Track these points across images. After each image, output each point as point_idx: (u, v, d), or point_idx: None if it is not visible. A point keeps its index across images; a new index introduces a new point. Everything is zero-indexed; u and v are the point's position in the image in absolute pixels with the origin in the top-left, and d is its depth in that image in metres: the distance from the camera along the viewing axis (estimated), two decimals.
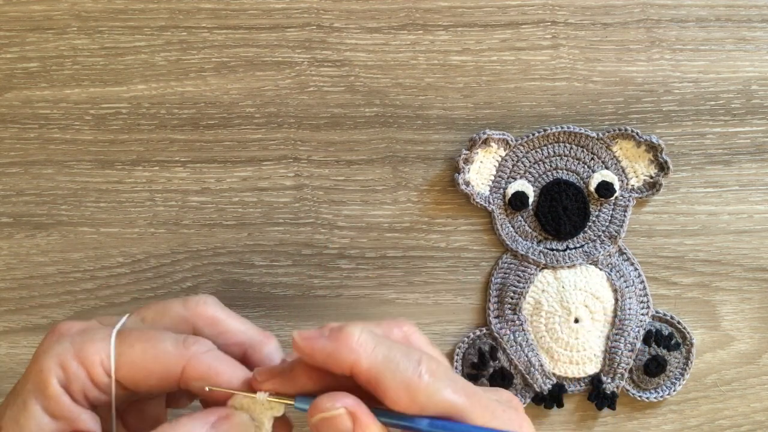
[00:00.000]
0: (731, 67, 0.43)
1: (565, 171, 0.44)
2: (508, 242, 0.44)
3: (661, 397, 0.44)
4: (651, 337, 0.44)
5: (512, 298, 0.44)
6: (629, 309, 0.44)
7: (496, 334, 0.44)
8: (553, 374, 0.44)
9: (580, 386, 0.44)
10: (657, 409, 0.45)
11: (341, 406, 0.29)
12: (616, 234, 0.44)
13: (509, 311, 0.44)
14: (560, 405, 0.44)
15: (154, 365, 0.31)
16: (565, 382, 0.44)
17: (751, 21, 0.43)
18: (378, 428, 0.29)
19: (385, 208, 0.44)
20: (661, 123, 0.44)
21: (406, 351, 0.29)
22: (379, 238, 0.44)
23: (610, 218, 0.44)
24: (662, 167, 0.43)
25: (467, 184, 0.43)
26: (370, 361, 0.29)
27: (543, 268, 0.44)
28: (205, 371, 0.31)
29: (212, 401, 0.32)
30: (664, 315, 0.44)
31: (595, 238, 0.44)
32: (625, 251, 0.44)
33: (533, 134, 0.43)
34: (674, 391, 0.44)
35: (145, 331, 0.32)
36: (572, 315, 0.44)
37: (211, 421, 0.30)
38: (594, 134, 0.43)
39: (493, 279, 0.44)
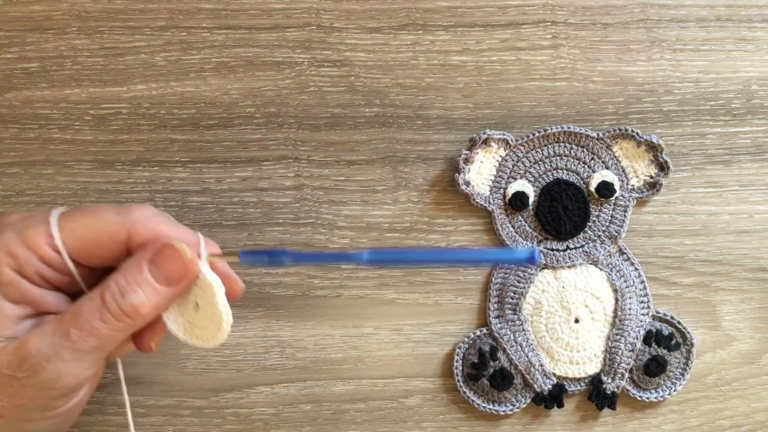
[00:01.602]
0: (731, 67, 0.43)
1: (565, 171, 0.44)
2: (508, 242, 0.44)
3: (662, 397, 0.44)
4: (651, 337, 0.44)
5: (512, 298, 0.44)
6: (629, 309, 0.44)
7: (496, 334, 0.44)
8: (554, 374, 0.44)
9: (581, 386, 0.44)
10: (657, 409, 0.45)
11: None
12: (617, 234, 0.44)
13: (509, 311, 0.44)
14: (560, 405, 0.44)
15: (99, 235, 0.32)
16: (565, 382, 0.44)
17: (751, 21, 0.43)
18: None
19: (385, 208, 0.44)
20: (661, 123, 0.44)
21: None
22: (379, 238, 0.44)
23: (610, 218, 0.44)
24: (662, 167, 0.43)
25: (467, 184, 0.43)
26: None
27: (543, 268, 0.44)
28: (151, 236, 0.32)
29: None
30: (665, 315, 0.44)
31: (595, 238, 0.44)
32: (625, 251, 0.44)
33: (533, 134, 0.43)
34: (674, 391, 0.44)
35: (86, 206, 0.33)
36: (572, 315, 0.44)
37: (147, 258, 0.32)
38: (594, 134, 0.43)
39: (493, 279, 0.44)
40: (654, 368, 0.44)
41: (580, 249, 0.44)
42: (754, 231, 0.45)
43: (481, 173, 0.44)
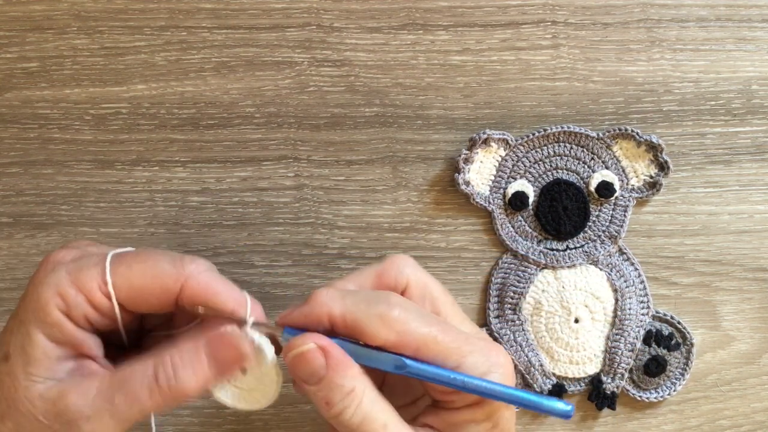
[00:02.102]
0: (731, 67, 0.43)
1: (565, 171, 0.44)
2: (508, 242, 0.44)
3: (662, 397, 0.44)
4: (651, 337, 0.44)
5: (512, 298, 0.44)
6: (629, 309, 0.44)
7: (496, 334, 0.44)
8: (553, 374, 0.44)
9: (580, 386, 0.44)
10: (657, 409, 0.45)
11: (312, 342, 0.31)
12: (617, 234, 0.44)
13: (509, 311, 0.44)
14: None
15: (152, 285, 0.32)
16: (565, 382, 0.44)
17: (751, 21, 0.43)
18: (350, 364, 0.31)
19: (385, 208, 0.44)
20: (661, 123, 0.44)
21: (374, 294, 0.32)
22: (379, 238, 0.44)
23: (610, 218, 0.44)
24: (662, 167, 0.43)
25: (467, 184, 0.43)
26: (341, 307, 0.31)
27: (543, 268, 0.44)
28: (203, 291, 0.32)
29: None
30: (665, 315, 0.44)
31: (595, 238, 0.44)
32: (625, 251, 0.44)
33: (533, 134, 0.43)
34: (674, 391, 0.44)
35: (141, 253, 0.33)
36: (572, 315, 0.44)
37: (205, 341, 0.32)
38: (594, 134, 0.43)
39: (493, 279, 0.44)
40: (654, 368, 0.44)
41: (580, 249, 0.44)
42: (754, 231, 0.45)
43: (481, 173, 0.44)
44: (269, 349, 0.33)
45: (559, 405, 0.32)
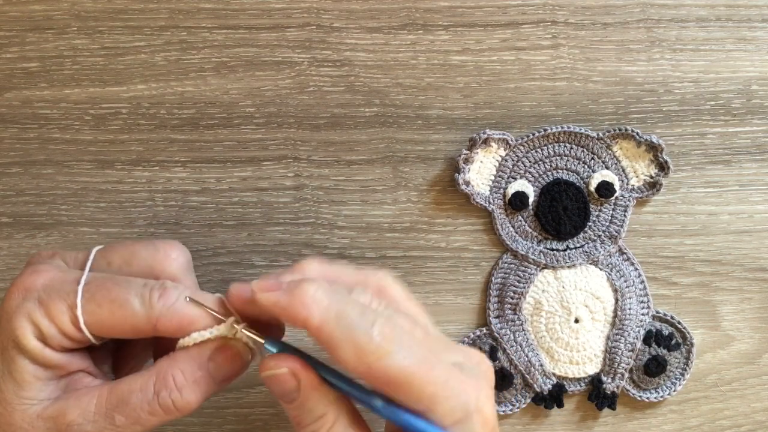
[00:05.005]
0: (731, 67, 0.43)
1: (565, 171, 0.44)
2: (508, 242, 0.44)
3: (662, 397, 0.44)
4: (651, 337, 0.44)
5: (512, 298, 0.44)
6: (629, 309, 0.44)
7: (496, 334, 0.44)
8: (553, 374, 0.44)
9: (580, 386, 0.44)
10: (657, 409, 0.45)
11: (284, 366, 0.30)
12: (617, 234, 0.44)
13: (509, 311, 0.44)
14: (560, 405, 0.44)
15: (123, 325, 0.31)
16: (565, 382, 0.44)
17: (751, 21, 0.43)
18: (323, 391, 0.30)
19: (385, 208, 0.44)
20: (661, 123, 0.44)
21: (361, 310, 0.29)
22: (379, 238, 0.44)
23: (610, 218, 0.44)
24: (662, 167, 0.43)
25: (467, 184, 0.43)
26: (321, 318, 0.29)
27: (543, 268, 0.44)
28: (176, 327, 0.31)
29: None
30: (665, 315, 0.44)
31: (595, 238, 0.44)
32: (625, 251, 0.44)
33: (533, 134, 0.43)
34: (674, 391, 0.44)
35: (111, 287, 0.31)
36: (572, 315, 0.44)
37: (206, 355, 0.32)
38: (594, 134, 0.43)
39: (493, 279, 0.44)
40: (654, 368, 0.44)
41: (580, 249, 0.44)
42: (754, 231, 0.45)
43: (481, 173, 0.44)
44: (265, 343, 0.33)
45: None
